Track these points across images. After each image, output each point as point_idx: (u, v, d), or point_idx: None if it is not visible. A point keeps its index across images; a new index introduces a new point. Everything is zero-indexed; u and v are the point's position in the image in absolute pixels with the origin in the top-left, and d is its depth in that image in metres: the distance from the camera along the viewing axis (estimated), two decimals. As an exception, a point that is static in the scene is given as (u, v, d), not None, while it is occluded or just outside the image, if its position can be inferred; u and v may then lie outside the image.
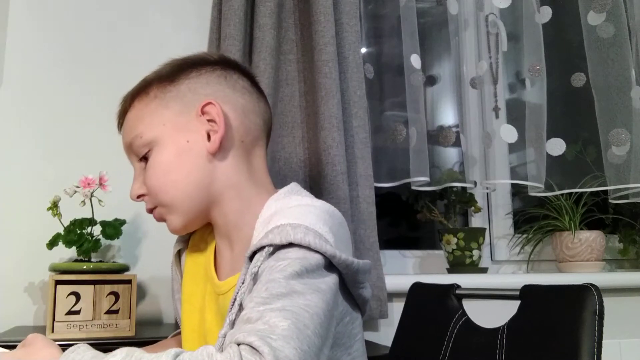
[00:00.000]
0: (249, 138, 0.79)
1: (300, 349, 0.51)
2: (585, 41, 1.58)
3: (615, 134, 1.51)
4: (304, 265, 0.60)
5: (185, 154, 0.75)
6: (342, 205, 1.26)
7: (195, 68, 0.79)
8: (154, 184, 0.76)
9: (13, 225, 1.30)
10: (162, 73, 0.80)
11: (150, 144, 0.76)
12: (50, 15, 1.40)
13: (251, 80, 0.83)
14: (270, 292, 0.56)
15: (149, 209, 0.79)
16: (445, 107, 1.72)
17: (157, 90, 0.78)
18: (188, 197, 0.75)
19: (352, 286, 0.69)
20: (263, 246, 0.63)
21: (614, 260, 1.75)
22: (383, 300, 1.32)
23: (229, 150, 0.77)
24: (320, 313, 0.57)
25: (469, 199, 1.58)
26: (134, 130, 0.77)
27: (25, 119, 1.35)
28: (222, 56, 0.84)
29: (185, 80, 0.78)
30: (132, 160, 0.80)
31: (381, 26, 1.61)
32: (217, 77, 0.79)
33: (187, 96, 0.77)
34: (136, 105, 0.79)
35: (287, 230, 0.63)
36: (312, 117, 1.33)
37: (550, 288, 0.73)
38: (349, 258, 0.65)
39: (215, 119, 0.75)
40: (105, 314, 1.09)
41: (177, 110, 0.76)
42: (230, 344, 0.51)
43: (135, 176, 0.80)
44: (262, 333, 0.51)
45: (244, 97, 0.80)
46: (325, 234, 0.64)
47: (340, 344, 0.70)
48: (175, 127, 0.76)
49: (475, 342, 0.81)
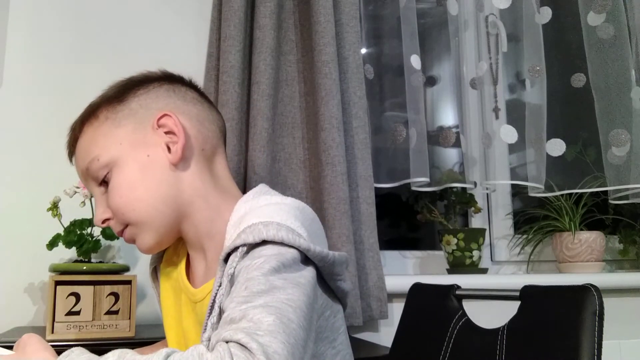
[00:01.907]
0: (208, 146, 0.79)
1: (287, 343, 0.51)
2: (585, 42, 1.58)
3: (615, 135, 1.51)
4: (280, 261, 0.60)
5: (148, 168, 0.74)
6: (342, 206, 1.26)
7: (142, 85, 0.78)
8: (118, 202, 0.74)
9: (13, 225, 1.30)
10: (108, 95, 0.78)
11: (109, 164, 0.74)
12: (51, 16, 1.40)
13: (199, 92, 0.83)
14: (251, 290, 0.56)
15: (119, 231, 0.77)
16: (445, 107, 1.72)
17: (107, 112, 0.76)
18: (157, 212, 0.74)
19: (330, 279, 0.69)
20: (237, 247, 0.63)
21: (614, 260, 1.75)
22: (383, 301, 1.32)
23: (190, 159, 0.76)
24: (302, 306, 0.57)
25: (469, 200, 1.58)
26: (89, 155, 0.75)
27: (26, 119, 1.35)
28: (165, 71, 0.83)
29: (134, 98, 0.77)
30: (91, 187, 0.78)
31: (381, 27, 1.61)
32: (165, 91, 0.78)
33: (139, 112, 0.76)
34: (86, 130, 0.77)
35: (259, 229, 0.63)
36: (312, 118, 1.34)
37: (550, 289, 0.73)
38: (324, 250, 0.65)
39: (174, 129, 0.74)
40: (105, 314, 1.09)
41: (131, 128, 0.75)
42: (219, 343, 0.50)
43: (97, 202, 0.78)
44: (248, 330, 0.50)
45: (195, 106, 0.79)
46: (297, 228, 0.64)
47: (324, 338, 0.70)
48: (132, 144, 0.75)
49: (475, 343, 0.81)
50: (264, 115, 1.26)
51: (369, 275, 1.32)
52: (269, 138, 1.27)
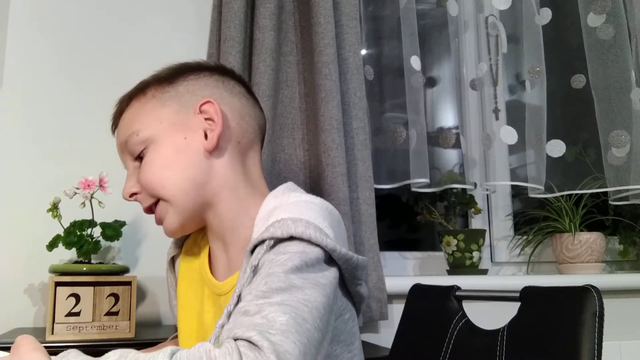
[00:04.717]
0: (245, 140, 0.80)
1: (300, 343, 0.51)
2: (585, 43, 1.58)
3: (615, 136, 1.51)
4: (303, 260, 0.60)
5: (183, 150, 0.75)
6: (342, 207, 1.26)
7: (193, 72, 0.80)
8: (150, 178, 0.75)
9: (13, 226, 1.30)
10: (160, 75, 0.80)
11: (147, 141, 0.76)
12: (51, 17, 1.40)
13: (247, 87, 0.84)
14: (270, 286, 0.56)
15: (147, 207, 0.78)
16: (445, 108, 1.72)
17: (155, 91, 0.78)
18: (184, 194, 0.75)
19: (351, 282, 0.70)
20: (264, 239, 0.63)
21: (614, 261, 1.75)
22: (383, 302, 1.32)
23: (225, 149, 0.77)
24: (319, 307, 0.57)
25: (469, 201, 1.58)
26: (130, 128, 0.78)
27: (26, 121, 1.35)
28: (219, 64, 0.86)
29: (183, 82, 0.79)
30: (126, 160, 0.80)
31: (381, 28, 1.61)
32: (214, 81, 0.80)
33: (185, 96, 0.78)
34: (133, 104, 0.79)
35: (288, 224, 0.63)
36: (312, 119, 1.34)
37: (550, 289, 0.73)
38: (349, 252, 0.65)
39: (214, 117, 0.76)
40: (105, 315, 1.09)
41: (174, 109, 0.77)
42: (227, 339, 0.50)
43: (129, 175, 0.79)
44: (261, 328, 0.51)
45: (240, 100, 0.81)
46: (325, 228, 0.65)
47: (341, 341, 0.70)
48: (172, 124, 0.76)
49: (476, 344, 0.81)
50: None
51: (369, 277, 1.32)
52: (269, 139, 1.28)
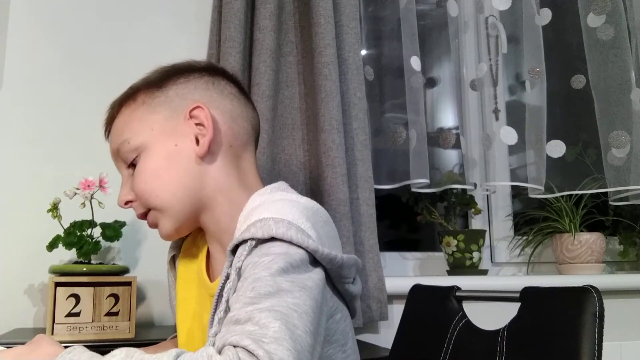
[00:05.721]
0: (238, 143, 0.79)
1: (293, 349, 0.51)
2: (585, 43, 1.58)
3: (615, 136, 1.51)
4: (288, 261, 0.60)
5: (174, 157, 0.75)
6: (342, 207, 1.26)
7: (182, 74, 0.80)
8: (143, 187, 0.76)
9: (13, 227, 1.30)
10: (149, 80, 0.80)
11: (138, 149, 0.76)
12: (51, 18, 1.40)
13: (238, 87, 0.84)
14: (258, 291, 0.56)
15: (141, 213, 0.78)
16: (445, 109, 1.72)
17: (145, 97, 0.78)
18: (178, 201, 0.75)
19: (337, 281, 0.69)
20: (245, 240, 0.63)
21: (614, 262, 1.75)
22: (383, 302, 1.32)
23: (217, 154, 0.77)
24: (309, 311, 0.57)
25: (469, 201, 1.58)
26: (122, 136, 0.77)
27: (26, 121, 1.35)
28: (209, 63, 0.85)
29: (173, 86, 0.78)
30: (120, 167, 0.80)
31: (381, 28, 1.61)
32: (204, 83, 0.80)
33: (175, 101, 0.77)
34: (124, 111, 0.79)
35: (269, 224, 0.62)
36: (312, 119, 1.34)
37: (550, 290, 0.73)
38: (332, 252, 0.65)
39: (204, 122, 0.75)
40: (105, 316, 1.09)
41: (165, 115, 0.77)
42: (227, 347, 0.51)
43: (123, 183, 0.79)
44: (254, 336, 0.51)
45: (232, 102, 0.80)
46: (307, 229, 0.64)
47: (334, 341, 0.70)
48: (163, 131, 0.76)
49: (476, 344, 0.81)
50: (264, 116, 1.26)
51: (369, 277, 1.32)
52: (269, 140, 1.28)
